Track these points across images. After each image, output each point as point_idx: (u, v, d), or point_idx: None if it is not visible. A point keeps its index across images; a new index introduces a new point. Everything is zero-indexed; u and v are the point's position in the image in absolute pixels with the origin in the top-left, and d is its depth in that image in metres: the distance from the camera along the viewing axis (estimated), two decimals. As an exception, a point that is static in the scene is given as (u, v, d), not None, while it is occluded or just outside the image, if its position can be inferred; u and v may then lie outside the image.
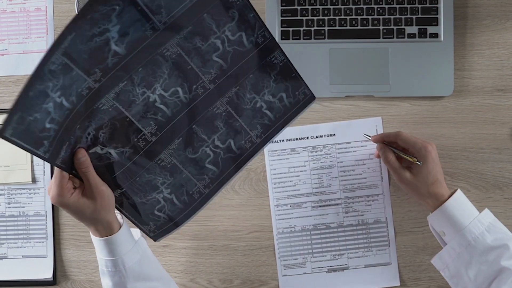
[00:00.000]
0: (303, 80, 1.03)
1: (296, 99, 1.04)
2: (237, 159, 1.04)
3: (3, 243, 1.19)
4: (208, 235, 1.17)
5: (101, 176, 0.96)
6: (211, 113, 1.01)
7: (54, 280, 1.19)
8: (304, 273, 1.14)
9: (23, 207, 1.19)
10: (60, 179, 0.91)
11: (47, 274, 1.19)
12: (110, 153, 0.97)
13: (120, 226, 0.98)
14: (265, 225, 1.16)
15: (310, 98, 1.05)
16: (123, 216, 1.01)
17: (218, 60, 0.98)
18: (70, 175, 0.94)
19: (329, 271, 1.14)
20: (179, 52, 0.96)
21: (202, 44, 0.96)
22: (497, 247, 0.98)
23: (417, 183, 1.03)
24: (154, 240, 1.04)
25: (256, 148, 1.05)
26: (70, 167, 0.94)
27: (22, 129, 0.85)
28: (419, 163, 1.00)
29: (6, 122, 0.83)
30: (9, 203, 1.19)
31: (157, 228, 1.04)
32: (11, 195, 1.19)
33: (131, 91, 0.95)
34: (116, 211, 1.01)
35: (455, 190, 1.02)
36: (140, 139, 0.98)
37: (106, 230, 0.97)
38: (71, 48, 0.86)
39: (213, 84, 0.98)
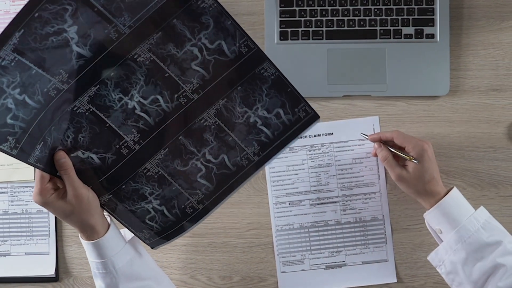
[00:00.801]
0: (301, 96, 1.00)
1: (296, 116, 1.01)
2: (234, 176, 1.03)
3: (6, 240, 1.20)
4: (208, 232, 1.18)
5: (86, 180, 0.97)
6: (198, 125, 0.99)
7: (57, 277, 1.20)
8: (302, 270, 1.15)
9: (26, 204, 1.20)
10: (40, 178, 0.93)
11: (50, 271, 1.20)
12: (92, 157, 0.97)
13: (108, 229, 0.98)
14: (264, 223, 1.17)
15: (313, 116, 1.01)
16: (113, 219, 1.01)
17: (198, 69, 0.96)
18: (52, 176, 0.94)
19: (327, 268, 1.15)
20: (152, 58, 0.94)
21: (178, 52, 0.94)
22: (492, 244, 0.98)
23: (414, 181, 1.03)
24: (152, 248, 1.04)
25: (255, 166, 1.03)
26: (52, 169, 0.95)
27: None
28: (415, 162, 1.01)
29: None
30: (12, 201, 1.20)
31: (152, 236, 1.04)
32: (14, 193, 1.20)
33: (107, 96, 0.95)
34: (107, 215, 1.01)
35: (451, 188, 1.03)
36: (123, 146, 0.97)
37: (91, 233, 0.97)
38: (22, 45, 0.86)
39: (196, 94, 0.97)
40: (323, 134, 1.15)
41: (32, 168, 1.17)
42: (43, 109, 0.90)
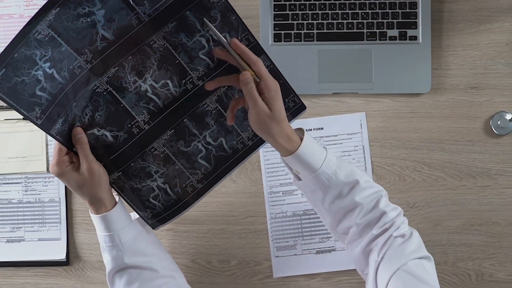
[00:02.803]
0: (291, 88, 1.01)
1: (286, 106, 1.01)
2: (230, 158, 1.05)
3: (20, 227, 1.23)
4: (207, 219, 1.21)
5: (99, 157, 0.99)
6: (201, 110, 1.01)
7: (67, 261, 1.22)
8: (295, 255, 1.19)
9: (39, 194, 1.23)
10: (58, 151, 0.96)
11: (61, 255, 1.22)
12: (106, 135, 0.99)
13: (115, 206, 1.01)
14: (259, 211, 1.20)
15: (300, 107, 1.03)
16: (121, 199, 1.03)
17: (204, 58, 0.98)
18: (69, 151, 0.97)
19: (318, 252, 1.19)
20: (165, 45, 0.96)
21: (188, 41, 0.96)
22: (349, 183, 0.97)
23: (271, 119, 0.94)
24: (153, 228, 1.06)
25: (248, 150, 1.05)
26: (70, 143, 0.97)
27: (8, 86, 0.87)
28: (258, 79, 0.93)
29: None
30: (26, 191, 1.23)
31: (154, 216, 1.05)
32: (28, 183, 1.23)
33: (123, 78, 0.97)
34: (115, 193, 1.03)
35: (302, 133, 0.97)
36: (134, 126, 0.99)
37: (99, 206, 1.00)
38: (56, 22, 0.88)
39: (201, 81, 0.99)
40: (314, 129, 1.19)
41: (44, 160, 1.22)
42: (68, 85, 0.92)
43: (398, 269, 0.93)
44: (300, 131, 0.99)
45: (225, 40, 0.94)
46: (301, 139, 0.96)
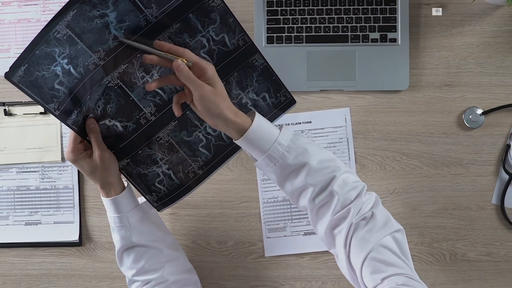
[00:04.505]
0: (283, 84, 1.04)
1: (278, 100, 1.04)
2: (228, 147, 1.06)
3: (37, 211, 1.25)
4: (207, 204, 1.24)
5: (109, 146, 1.01)
6: None
7: (80, 242, 1.25)
8: (284, 236, 1.22)
9: (54, 181, 1.25)
10: (73, 139, 0.99)
11: (74, 237, 1.24)
12: (116, 125, 1.01)
13: (124, 190, 1.04)
14: (253, 196, 1.23)
15: (290, 101, 1.05)
16: (130, 184, 1.06)
17: (205, 56, 0.99)
18: (83, 140, 1.00)
19: (305, 234, 1.23)
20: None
21: (191, 40, 0.98)
22: (298, 166, 0.93)
23: (216, 95, 0.92)
24: (158, 210, 1.08)
25: None
26: (83, 133, 1.00)
27: (30, 80, 0.89)
28: (190, 64, 0.92)
29: (12, 68, 0.88)
30: (43, 179, 1.25)
31: (159, 199, 1.07)
32: (45, 172, 1.25)
33: (133, 74, 0.98)
34: (124, 179, 1.06)
35: (253, 114, 0.95)
36: (142, 117, 1.01)
37: (110, 190, 1.02)
38: (73, 22, 0.90)
39: None
40: (303, 122, 1.22)
41: (59, 151, 1.24)
42: (83, 80, 0.94)
43: (369, 254, 0.90)
44: (252, 114, 0.95)
45: (147, 47, 0.93)
46: (252, 121, 0.93)
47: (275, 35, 1.22)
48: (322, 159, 0.94)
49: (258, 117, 0.94)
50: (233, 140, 0.96)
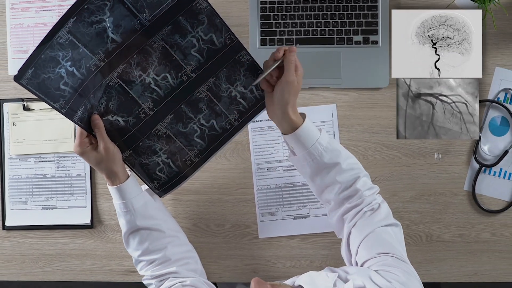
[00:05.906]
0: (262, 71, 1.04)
1: (264, 92, 1.07)
2: (220, 136, 1.08)
3: (53, 197, 1.30)
4: (206, 191, 1.29)
5: (113, 139, 1.04)
6: (195, 97, 1.04)
7: (92, 225, 1.30)
8: (276, 220, 1.28)
9: (69, 170, 1.30)
10: (80, 134, 1.03)
11: (86, 220, 1.30)
12: (118, 120, 1.03)
13: (128, 178, 1.06)
14: (248, 184, 1.29)
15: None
16: (133, 173, 1.09)
17: (196, 55, 1.01)
18: (89, 134, 1.03)
19: (295, 218, 1.28)
20: (164, 45, 1.00)
21: (182, 41, 1.00)
22: (331, 165, 1.04)
23: (294, 90, 1.01)
24: (160, 196, 1.11)
25: (235, 129, 1.09)
26: (89, 128, 1.02)
27: (37, 82, 0.91)
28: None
29: (21, 71, 0.90)
30: (58, 167, 1.30)
31: (160, 186, 1.10)
32: (59, 161, 1.30)
33: (131, 73, 0.99)
34: (128, 169, 1.09)
35: (304, 117, 1.04)
36: (141, 112, 1.03)
37: (115, 179, 1.05)
38: (74, 28, 0.92)
39: (194, 73, 1.02)
40: None
41: (73, 142, 1.28)
42: (86, 80, 0.96)
43: (367, 235, 1.00)
44: (303, 115, 1.06)
45: (266, 73, 1.01)
46: (303, 120, 1.03)
47: (268, 37, 1.28)
48: (350, 162, 1.06)
49: (308, 119, 1.04)
50: (281, 133, 1.05)
